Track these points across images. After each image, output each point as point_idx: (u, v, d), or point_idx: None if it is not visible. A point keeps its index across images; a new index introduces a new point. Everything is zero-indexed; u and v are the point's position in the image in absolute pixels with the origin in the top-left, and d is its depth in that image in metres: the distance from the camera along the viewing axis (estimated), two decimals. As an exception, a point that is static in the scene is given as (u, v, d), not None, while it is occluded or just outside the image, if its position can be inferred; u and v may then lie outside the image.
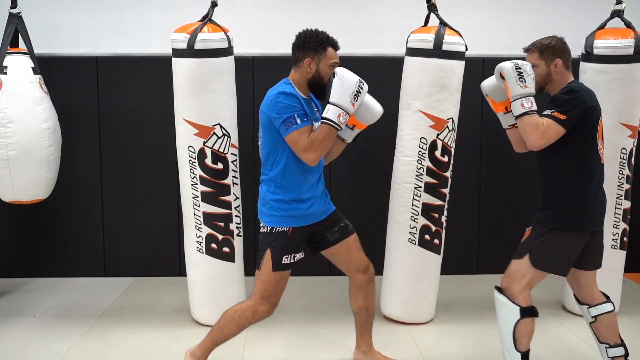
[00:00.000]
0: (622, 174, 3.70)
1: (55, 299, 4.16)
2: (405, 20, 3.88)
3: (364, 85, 2.74)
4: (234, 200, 3.57)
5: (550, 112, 2.64)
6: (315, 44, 2.77)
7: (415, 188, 3.59)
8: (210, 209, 3.52)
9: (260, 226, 2.86)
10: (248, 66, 4.44)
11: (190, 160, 3.51)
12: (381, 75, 4.35)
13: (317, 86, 2.81)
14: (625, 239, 3.79)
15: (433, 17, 3.60)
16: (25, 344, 3.45)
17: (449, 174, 3.64)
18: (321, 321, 3.79)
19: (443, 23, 3.52)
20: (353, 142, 3.05)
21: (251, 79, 4.44)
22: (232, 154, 3.55)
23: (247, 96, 4.27)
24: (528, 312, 2.69)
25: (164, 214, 4.58)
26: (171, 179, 4.21)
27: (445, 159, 3.60)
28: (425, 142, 3.55)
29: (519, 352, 2.69)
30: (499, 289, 2.79)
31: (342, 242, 2.96)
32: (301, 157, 2.70)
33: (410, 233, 3.62)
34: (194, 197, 3.54)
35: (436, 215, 3.63)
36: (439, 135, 3.55)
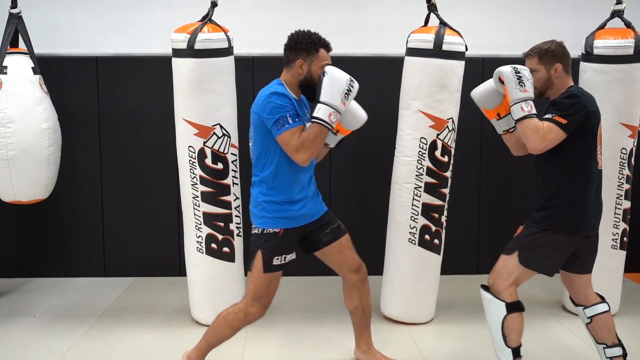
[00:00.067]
0: (622, 174, 3.70)
1: (55, 299, 4.16)
2: (405, 20, 3.88)
3: (354, 83, 2.71)
4: (234, 200, 3.57)
5: (552, 116, 2.64)
6: (308, 45, 2.75)
7: (415, 188, 3.59)
8: (210, 209, 3.52)
9: (252, 228, 2.85)
10: (248, 66, 4.44)
11: (190, 160, 3.51)
12: (381, 75, 4.36)
13: (309, 87, 2.79)
14: (625, 239, 3.79)
15: (433, 17, 3.60)
16: (25, 344, 3.45)
17: (449, 174, 3.64)
18: (321, 321, 3.79)
19: (443, 23, 3.52)
20: (337, 146, 3.06)
21: (251, 79, 4.44)
22: (232, 154, 3.55)
23: (247, 96, 4.23)
24: (514, 307, 2.69)
25: (164, 214, 4.58)
26: (171, 179, 4.21)
27: (445, 159, 3.60)
28: (425, 142, 3.55)
29: (510, 348, 2.69)
30: (485, 287, 2.80)
31: (335, 243, 2.95)
32: (292, 157, 2.68)
33: (410, 233, 3.62)
34: (194, 197, 3.54)
35: (436, 215, 3.63)
36: (439, 135, 3.55)
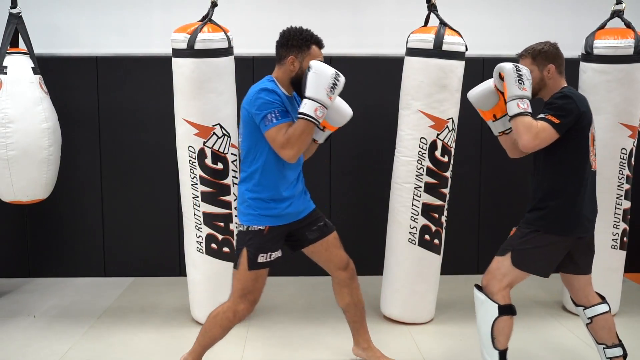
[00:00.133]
0: (622, 174, 3.70)
1: (55, 299, 4.17)
2: (405, 20, 3.88)
3: (340, 77, 2.68)
4: (234, 200, 3.57)
5: (545, 115, 2.64)
6: (299, 42, 2.75)
7: (415, 188, 3.59)
8: (210, 209, 3.52)
9: (237, 225, 2.85)
10: (248, 66, 4.44)
11: (190, 160, 3.51)
12: (381, 75, 4.35)
13: (300, 84, 2.76)
14: (625, 239, 3.79)
15: (433, 17, 3.60)
16: (25, 344, 3.45)
17: (449, 174, 3.64)
18: (321, 321, 3.79)
19: (443, 23, 3.52)
20: (325, 143, 3.08)
21: (251, 79, 4.41)
22: (232, 154, 3.55)
23: (247, 96, 4.26)
24: (506, 310, 2.70)
25: (164, 214, 4.58)
26: (171, 179, 4.21)
27: (445, 159, 3.60)
28: (425, 142, 3.55)
29: (497, 350, 2.69)
30: (479, 287, 2.80)
31: (322, 240, 2.94)
32: (279, 153, 2.66)
33: (410, 233, 3.62)
34: (194, 197, 3.54)
35: (436, 215, 3.63)
36: (439, 135, 3.55)
